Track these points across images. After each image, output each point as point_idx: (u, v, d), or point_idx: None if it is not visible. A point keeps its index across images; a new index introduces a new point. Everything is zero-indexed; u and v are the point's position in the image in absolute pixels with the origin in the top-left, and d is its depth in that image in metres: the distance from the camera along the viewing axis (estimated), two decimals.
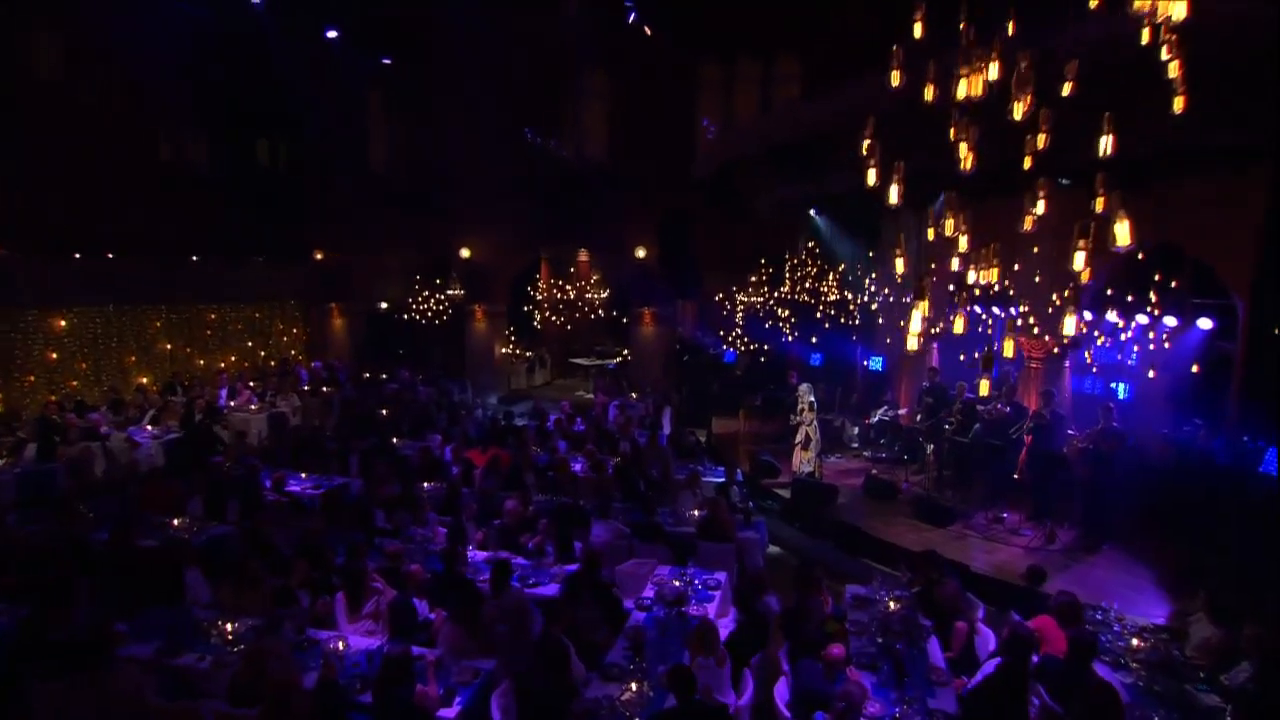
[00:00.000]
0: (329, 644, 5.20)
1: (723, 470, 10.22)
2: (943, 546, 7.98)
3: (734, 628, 5.79)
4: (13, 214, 12.09)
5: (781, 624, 5.67)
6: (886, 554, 8.39)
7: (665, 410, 14.04)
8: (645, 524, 7.61)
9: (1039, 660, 4.94)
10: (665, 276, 16.59)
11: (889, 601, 6.08)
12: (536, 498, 8.41)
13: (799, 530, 9.67)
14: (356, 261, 18.26)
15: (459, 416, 13.10)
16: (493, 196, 17.10)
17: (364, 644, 5.37)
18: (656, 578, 6.65)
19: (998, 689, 4.70)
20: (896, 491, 10.29)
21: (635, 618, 6.01)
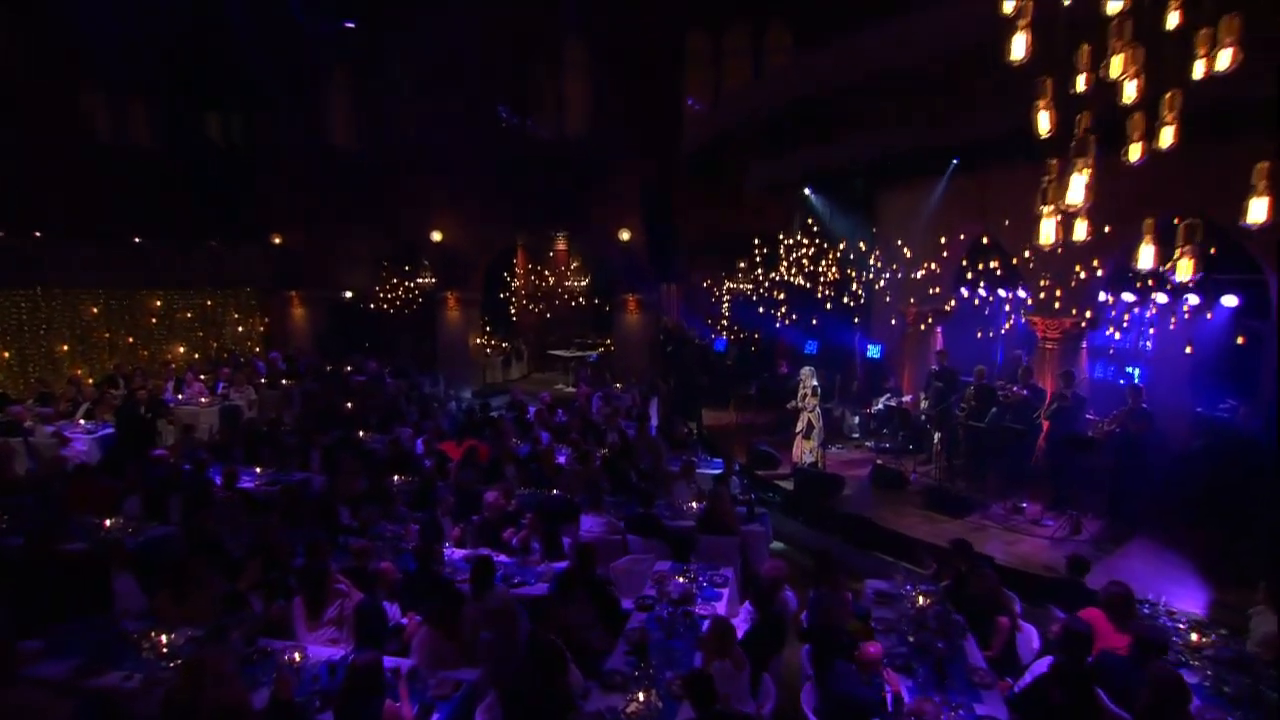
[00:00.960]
0: (284, 655, 4.62)
1: (719, 462, 9.85)
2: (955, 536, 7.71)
3: (748, 628, 5.31)
4: None
5: (803, 623, 5.22)
6: (901, 547, 8.01)
7: (652, 401, 13.73)
8: (642, 516, 7.16)
9: (1094, 659, 4.53)
10: (650, 259, 16.17)
11: (917, 596, 5.68)
12: (519, 491, 7.99)
13: (803, 524, 9.30)
14: (318, 246, 17.55)
15: (431, 409, 12.59)
16: (466, 177, 16.56)
17: (325, 654, 4.82)
18: (656, 575, 6.21)
19: (1052, 691, 4.27)
20: (905, 482, 9.96)
21: (635, 619, 5.55)
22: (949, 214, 10.44)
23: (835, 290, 12.70)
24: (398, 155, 16.80)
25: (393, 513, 7.17)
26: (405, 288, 18.23)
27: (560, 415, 12.08)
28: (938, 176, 10.54)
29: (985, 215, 9.85)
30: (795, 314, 13.79)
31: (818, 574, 5.86)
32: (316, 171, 16.90)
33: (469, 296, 17.70)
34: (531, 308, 20.18)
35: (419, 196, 16.86)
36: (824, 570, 5.83)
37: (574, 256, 20.38)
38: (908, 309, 12.50)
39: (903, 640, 5.19)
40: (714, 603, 5.87)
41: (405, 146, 16.80)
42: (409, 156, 16.73)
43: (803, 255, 13.73)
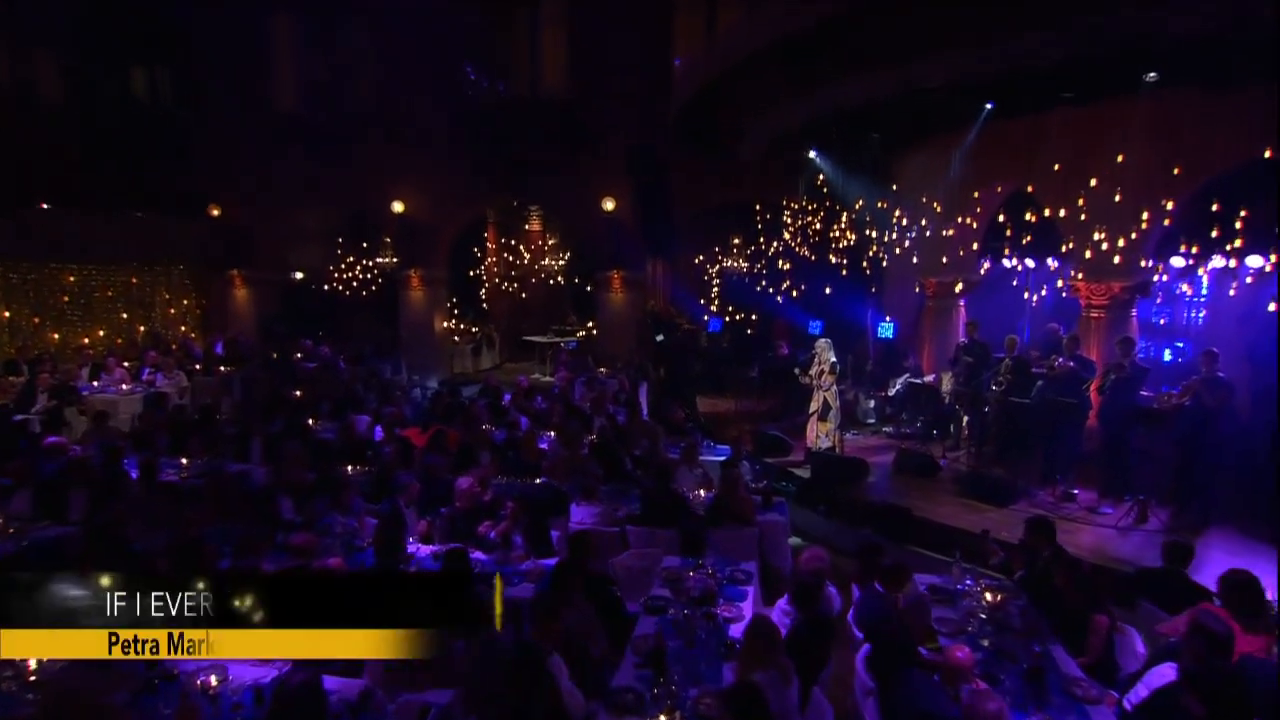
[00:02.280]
0: (196, 679, 3.75)
1: (724, 449, 9.32)
2: (1010, 530, 7.08)
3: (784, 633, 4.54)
4: None
5: (859, 625, 4.47)
6: (942, 540, 7.34)
7: (642, 386, 13.09)
8: (658, 497, 6.46)
9: None
10: (638, 230, 15.38)
11: (983, 592, 4.98)
12: (495, 481, 7.27)
13: (823, 515, 8.68)
14: (263, 220, 16.51)
15: (392, 397, 11.78)
16: (429, 142, 15.68)
17: (253, 675, 3.96)
18: (664, 572, 5.52)
19: (1189, 703, 3.54)
20: (936, 467, 9.39)
21: (644, 624, 4.81)
22: (982, 167, 9.83)
23: (849, 258, 11.97)
24: (352, 118, 15.85)
25: (345, 504, 6.34)
26: (363, 266, 17.36)
27: (539, 402, 11.41)
28: (965, 129, 9.92)
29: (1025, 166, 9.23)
30: (803, 285, 13.28)
31: (864, 567, 5.14)
32: (259, 136, 15.87)
33: (434, 275, 16.84)
34: (504, 287, 19.39)
35: (376, 164, 15.88)
36: (871, 562, 5.11)
37: (551, 231, 19.62)
38: (928, 280, 11.90)
39: (973, 644, 4.49)
40: (738, 603, 5.21)
41: (360, 108, 15.91)
42: (365, 119, 15.80)
43: (810, 223, 13.07)
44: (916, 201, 10.65)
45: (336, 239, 17.26)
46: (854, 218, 11.91)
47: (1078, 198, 8.21)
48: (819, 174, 13.53)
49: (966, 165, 9.98)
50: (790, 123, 11.28)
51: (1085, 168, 8.14)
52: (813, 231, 13.33)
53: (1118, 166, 7.99)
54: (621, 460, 8.11)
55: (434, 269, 16.82)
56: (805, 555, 4.99)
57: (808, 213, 13.19)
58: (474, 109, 15.61)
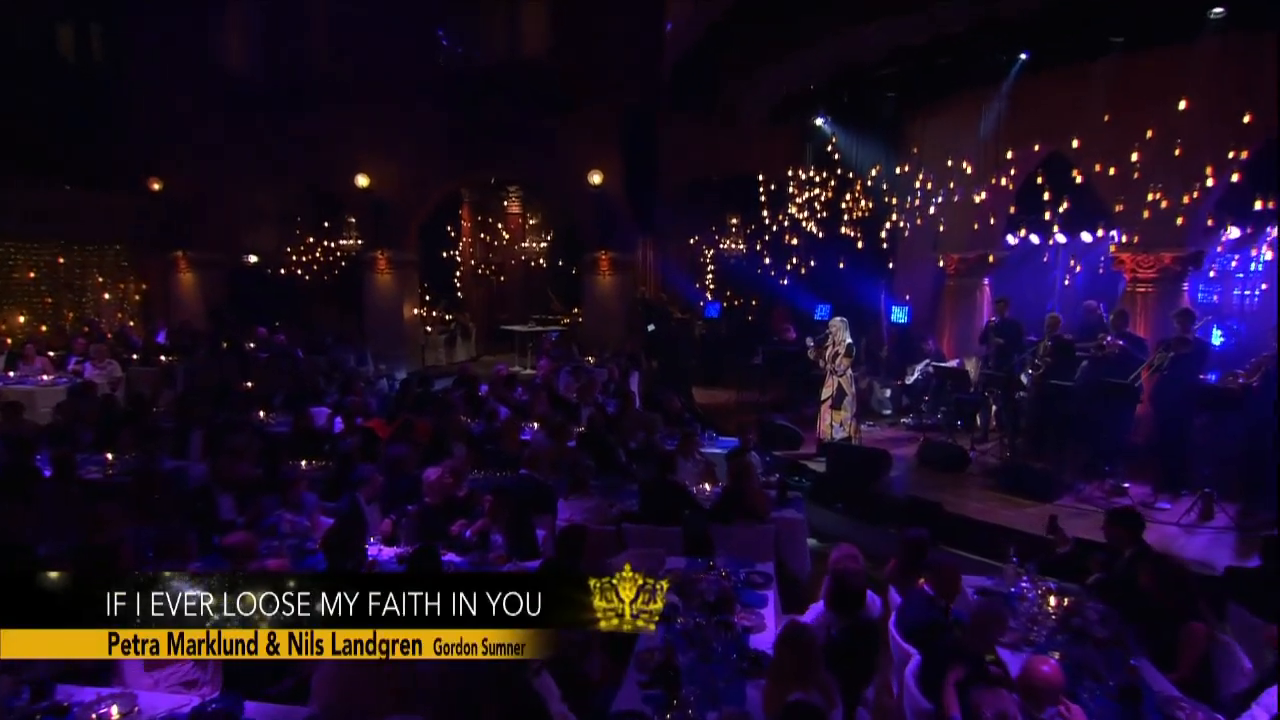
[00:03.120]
0: (96, 710, 3.20)
1: (727, 440, 8.80)
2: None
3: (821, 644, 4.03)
4: None
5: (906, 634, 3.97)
6: (979, 538, 6.93)
7: (633, 376, 12.65)
8: (658, 491, 6.12)
9: None
10: (629, 206, 14.97)
11: (1046, 596, 4.51)
12: (472, 476, 6.82)
13: (842, 513, 8.32)
14: (210, 196, 15.82)
15: (356, 388, 11.22)
16: (397, 110, 15.12)
17: (168, 705, 3.42)
18: (670, 574, 4.90)
19: None
20: (965, 460, 8.98)
21: (649, 635, 4.22)
22: (1016, 126, 9.42)
23: (863, 231, 11.54)
24: (310, 82, 15.23)
25: (294, 501, 5.80)
26: (325, 248, 16.82)
27: (520, 393, 10.95)
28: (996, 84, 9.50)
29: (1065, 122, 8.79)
30: (812, 262, 12.96)
31: (907, 565, 4.67)
32: (205, 101, 15.18)
33: (403, 258, 16.31)
34: (481, 271, 18.99)
35: (338, 135, 15.27)
36: (914, 559, 4.63)
37: (532, 210, 19.17)
38: (949, 257, 11.50)
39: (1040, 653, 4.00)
40: (758, 609, 4.73)
41: (319, 71, 15.28)
42: (324, 84, 15.18)
43: (818, 194, 12.66)
44: (938, 168, 10.20)
45: (294, 218, 16.73)
46: (869, 185, 11.44)
47: (1130, 153, 7.73)
48: (828, 141, 13.15)
49: (997, 125, 9.53)
50: (799, 79, 10.82)
51: (1138, 121, 7.70)
52: (820, 205, 12.90)
53: (1177, 118, 7.51)
54: (615, 451, 7.71)
55: (403, 251, 16.32)
56: (837, 553, 4.49)
57: (816, 184, 12.72)
58: (447, 73, 15.10)
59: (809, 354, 9.74)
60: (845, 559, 4.35)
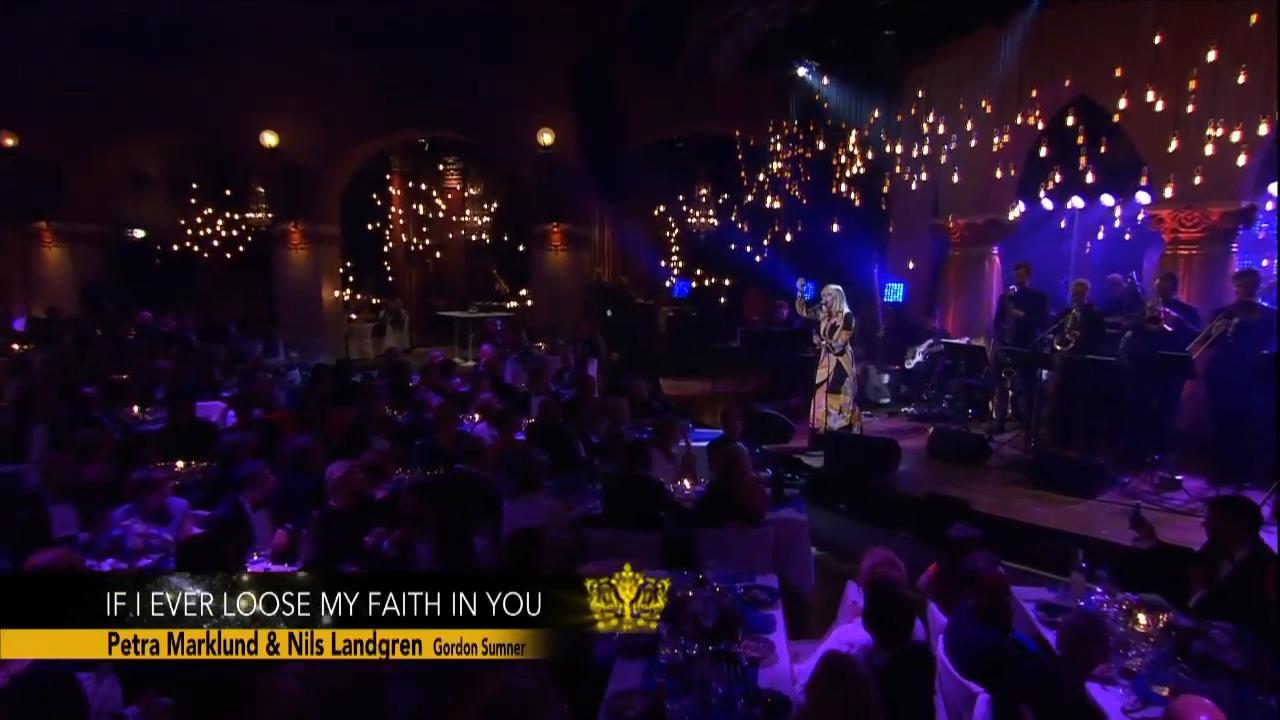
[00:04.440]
0: None
1: (706, 432, 8.69)
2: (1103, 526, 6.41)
3: None
4: None
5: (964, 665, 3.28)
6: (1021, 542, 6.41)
7: (592, 363, 12.35)
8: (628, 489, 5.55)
9: None
10: (585, 171, 14.37)
11: (1134, 612, 3.90)
12: (396, 475, 6.26)
13: (844, 515, 7.85)
14: (79, 156, 14.91)
15: (259, 379, 10.44)
16: (306, 54, 14.41)
17: None
18: None
19: None
20: (985, 449, 8.54)
21: (624, 672, 3.67)
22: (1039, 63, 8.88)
23: (858, 190, 11.02)
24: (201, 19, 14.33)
25: (153, 509, 4.94)
26: (227, 221, 16.35)
27: (458, 384, 10.38)
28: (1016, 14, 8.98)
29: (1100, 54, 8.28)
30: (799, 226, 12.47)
31: (952, 575, 4.04)
32: (68, 39, 14.16)
33: (320, 231, 15.61)
34: (414, 248, 18.57)
35: (239, 85, 14.47)
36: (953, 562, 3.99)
37: (474, 179, 18.72)
38: (956, 223, 11.14)
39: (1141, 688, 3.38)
40: (765, 634, 4.07)
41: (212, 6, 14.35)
42: (218, 22, 14.33)
43: (803, 153, 12.18)
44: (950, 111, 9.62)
45: (189, 184, 16.21)
46: (865, 136, 10.90)
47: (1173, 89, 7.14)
48: (814, 94, 12.60)
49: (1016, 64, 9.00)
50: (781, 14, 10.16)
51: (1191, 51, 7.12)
52: (805, 168, 12.36)
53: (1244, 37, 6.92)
54: (573, 444, 7.09)
55: (320, 223, 15.69)
56: (872, 560, 3.79)
57: (800, 141, 12.16)
58: (366, 12, 14.34)
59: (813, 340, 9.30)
60: (882, 566, 3.64)
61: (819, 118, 11.95)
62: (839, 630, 3.71)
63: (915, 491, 7.56)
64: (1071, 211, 11.24)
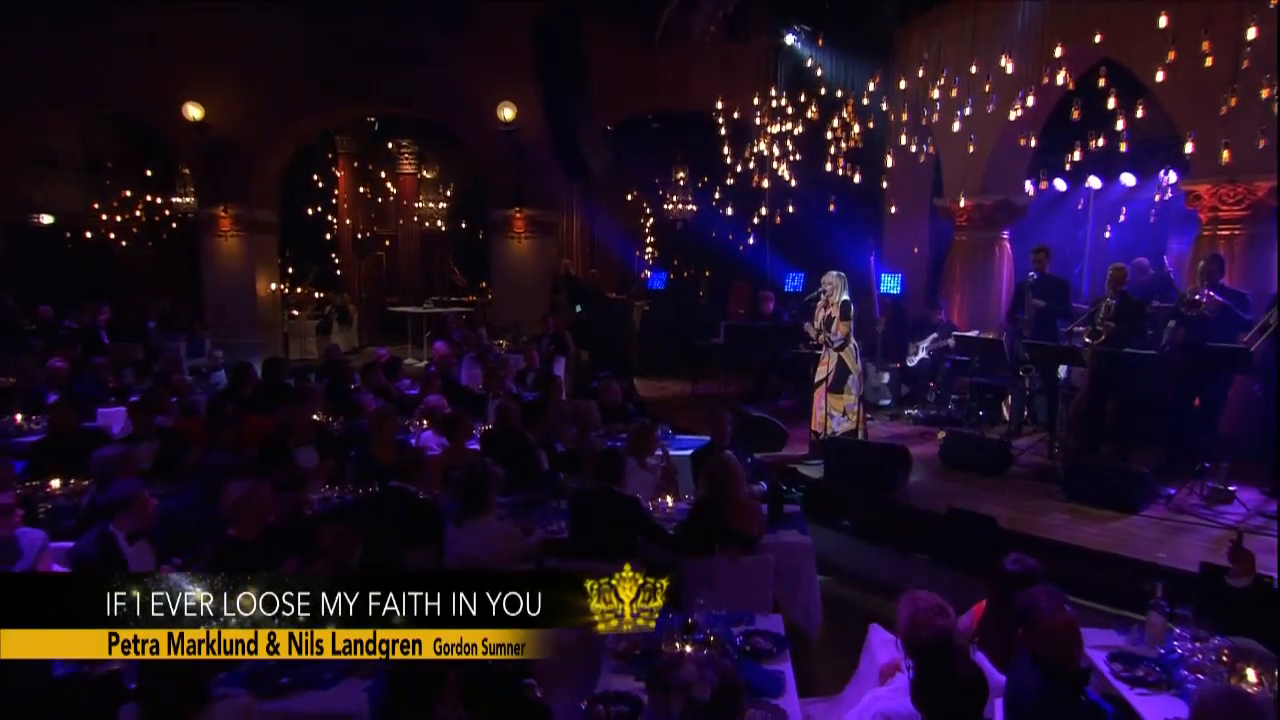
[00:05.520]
0: None
1: (689, 439, 7.89)
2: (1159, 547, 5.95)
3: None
4: None
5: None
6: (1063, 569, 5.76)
7: (558, 361, 12.01)
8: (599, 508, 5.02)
9: None
10: (550, 151, 14.07)
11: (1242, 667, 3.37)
12: (323, 492, 5.93)
13: (850, 533, 7.37)
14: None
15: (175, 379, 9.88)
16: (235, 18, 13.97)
17: None
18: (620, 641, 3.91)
19: None
20: (1007, 456, 8.07)
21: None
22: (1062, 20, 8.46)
23: (856, 167, 10.64)
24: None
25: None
26: (147, 205, 16.05)
27: (406, 385, 10.02)
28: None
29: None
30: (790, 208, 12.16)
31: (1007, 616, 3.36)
32: None
33: (254, 217, 15.14)
34: (363, 236, 18.47)
35: (160, 50, 13.96)
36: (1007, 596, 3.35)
37: (429, 162, 18.62)
38: (965, 204, 10.79)
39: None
40: (773, 699, 3.48)
41: None
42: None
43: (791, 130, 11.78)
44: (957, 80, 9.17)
45: (103, 163, 15.80)
46: (864, 106, 10.52)
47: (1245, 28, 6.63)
48: (804, 60, 12.41)
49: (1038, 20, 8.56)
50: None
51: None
52: (794, 144, 11.96)
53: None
54: (534, 454, 6.52)
55: (254, 208, 15.24)
56: (913, 606, 3.10)
57: (788, 115, 11.75)
58: None
59: (807, 329, 8.83)
60: (928, 615, 2.96)
61: (810, 87, 11.61)
62: (871, 699, 3.04)
63: (932, 506, 7.02)
64: (1086, 192, 10.90)
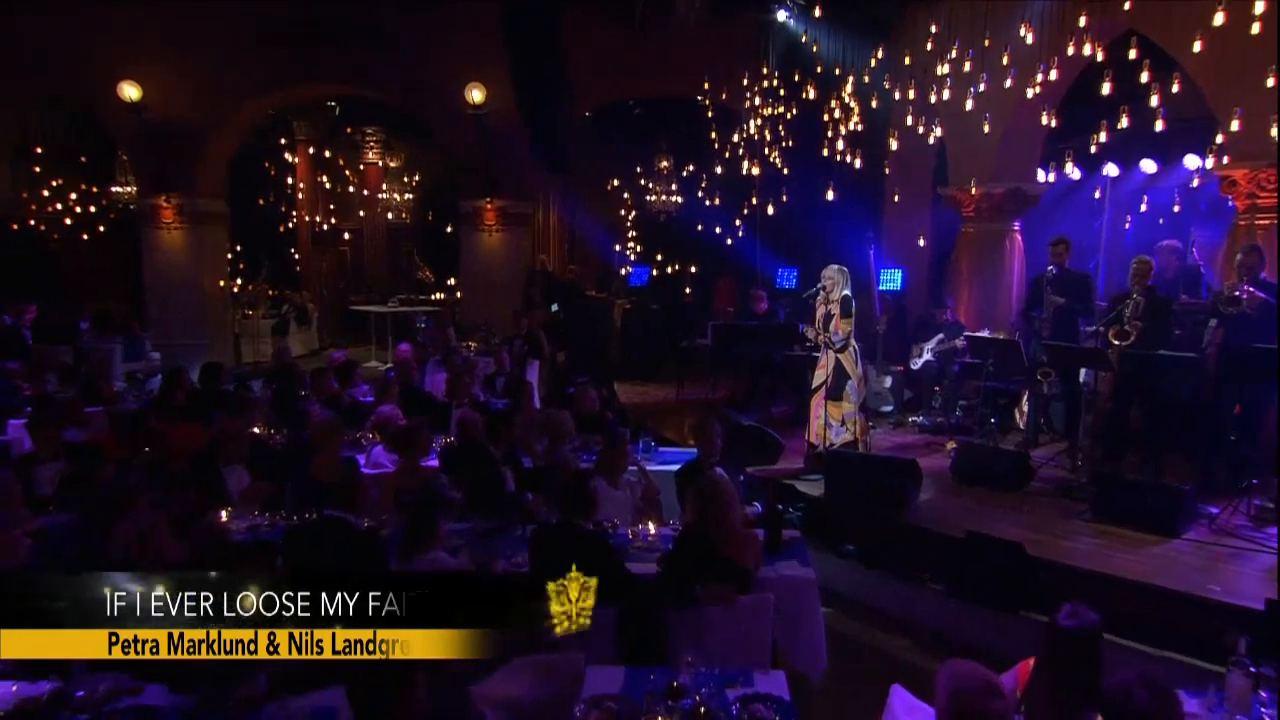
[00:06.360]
0: None
1: (671, 452, 7.81)
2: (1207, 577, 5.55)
3: None
4: None
5: None
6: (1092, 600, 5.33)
7: (531, 365, 11.96)
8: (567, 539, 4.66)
9: None
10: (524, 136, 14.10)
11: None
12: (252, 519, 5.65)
13: (855, 559, 6.99)
14: None
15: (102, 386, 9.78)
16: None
17: None
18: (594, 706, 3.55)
19: None
20: (1028, 470, 7.70)
21: None
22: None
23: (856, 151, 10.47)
24: None
25: None
26: (82, 194, 16.26)
27: (364, 391, 9.79)
28: None
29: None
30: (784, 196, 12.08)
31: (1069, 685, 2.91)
32: None
33: (201, 208, 15.02)
34: (322, 228, 18.39)
35: (94, 24, 13.84)
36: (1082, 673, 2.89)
37: (394, 150, 18.51)
38: (974, 193, 10.63)
39: None
40: None
41: None
42: None
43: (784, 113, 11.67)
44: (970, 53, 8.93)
45: (32, 149, 15.83)
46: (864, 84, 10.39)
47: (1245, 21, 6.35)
48: (798, 37, 12.25)
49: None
50: None
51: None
52: (786, 129, 11.90)
53: None
54: (498, 473, 6.14)
55: (200, 198, 15.11)
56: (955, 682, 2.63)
57: (781, 98, 11.66)
58: None
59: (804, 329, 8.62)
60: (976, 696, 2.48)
61: (805, 66, 11.45)
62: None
63: (945, 527, 6.66)
64: (1102, 181, 10.80)
